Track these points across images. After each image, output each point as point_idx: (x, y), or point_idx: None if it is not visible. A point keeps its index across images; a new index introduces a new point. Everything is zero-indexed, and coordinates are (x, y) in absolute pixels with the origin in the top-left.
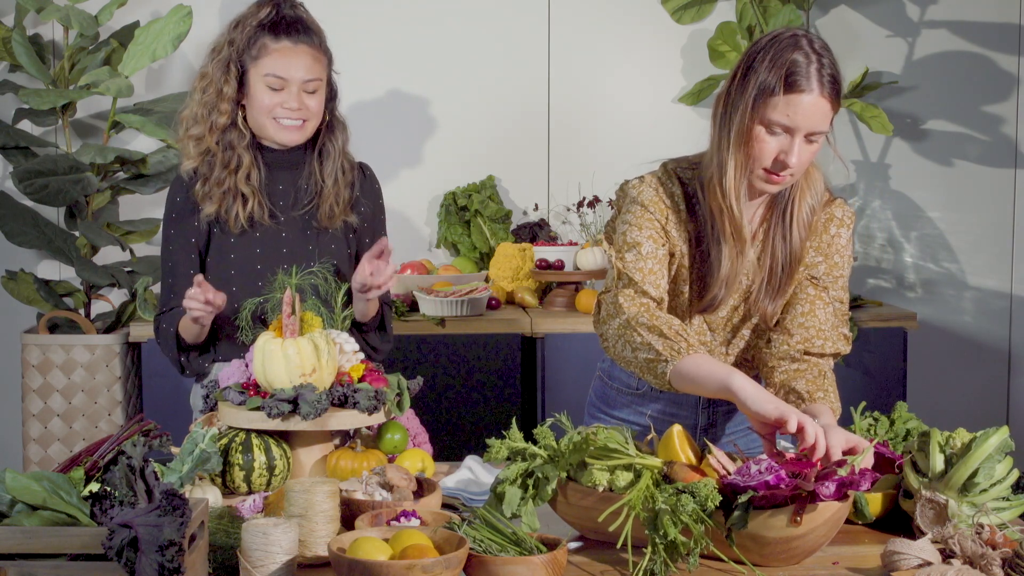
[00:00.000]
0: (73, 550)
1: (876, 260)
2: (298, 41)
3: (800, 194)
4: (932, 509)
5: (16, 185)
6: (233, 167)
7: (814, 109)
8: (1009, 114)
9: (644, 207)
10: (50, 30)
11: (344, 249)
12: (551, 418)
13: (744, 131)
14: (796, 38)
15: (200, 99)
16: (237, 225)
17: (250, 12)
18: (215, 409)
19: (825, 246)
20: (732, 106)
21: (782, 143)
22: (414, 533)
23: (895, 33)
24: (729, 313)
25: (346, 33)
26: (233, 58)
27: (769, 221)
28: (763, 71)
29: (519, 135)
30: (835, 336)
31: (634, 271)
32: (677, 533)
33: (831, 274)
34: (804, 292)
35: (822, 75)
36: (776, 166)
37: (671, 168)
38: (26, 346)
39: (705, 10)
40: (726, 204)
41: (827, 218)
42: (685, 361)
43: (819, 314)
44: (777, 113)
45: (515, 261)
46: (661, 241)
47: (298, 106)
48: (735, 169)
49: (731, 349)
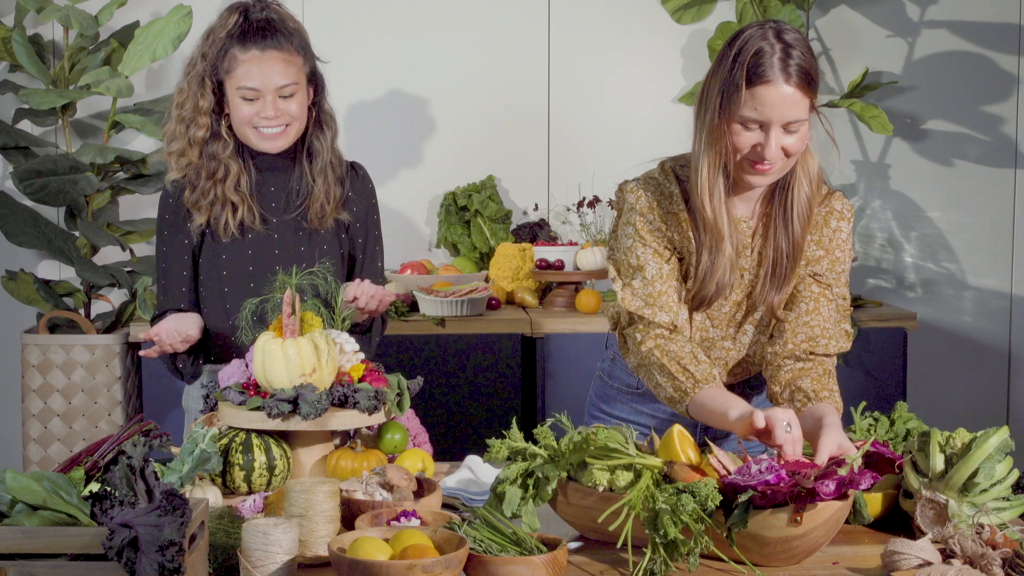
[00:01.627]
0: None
1: (876, 260)
2: (266, 47)
3: (797, 184)
4: (932, 509)
5: (16, 185)
6: (220, 177)
7: (781, 99)
8: (1009, 114)
9: (643, 216)
10: (50, 30)
11: (336, 249)
12: (551, 418)
13: (714, 129)
14: (763, 30)
15: (178, 115)
16: (228, 233)
17: (219, 22)
18: (215, 409)
19: (827, 240)
20: (705, 104)
21: (759, 136)
22: (414, 533)
23: (895, 33)
24: (732, 309)
25: (346, 33)
26: (207, 72)
27: (769, 214)
28: (728, 68)
29: (519, 135)
30: (838, 333)
31: (641, 303)
32: (677, 533)
33: (833, 270)
34: (808, 290)
35: (787, 64)
36: (756, 157)
37: (668, 167)
38: (26, 346)
39: (705, 10)
40: (699, 202)
41: (827, 212)
42: (692, 403)
43: (823, 312)
44: (746, 108)
45: (515, 261)
46: (666, 255)
47: (275, 113)
48: (708, 168)
49: (736, 344)
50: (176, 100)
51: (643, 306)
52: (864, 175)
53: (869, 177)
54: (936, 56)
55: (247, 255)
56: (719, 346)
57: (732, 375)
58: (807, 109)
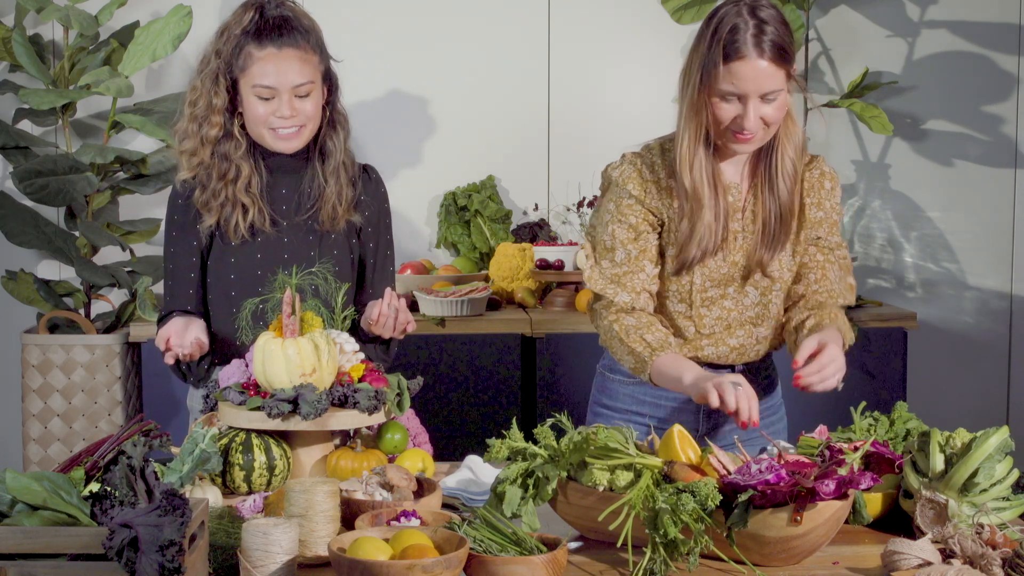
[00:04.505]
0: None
1: (876, 260)
2: (283, 45)
3: (781, 147)
4: (932, 509)
5: (16, 185)
6: (231, 177)
7: (756, 73)
8: (1009, 114)
9: (622, 187)
10: (50, 30)
11: (347, 253)
12: (551, 418)
13: (694, 103)
14: (738, 6)
15: (190, 113)
16: (238, 235)
17: (234, 19)
18: (215, 409)
19: (824, 202)
20: (686, 80)
21: (738, 108)
22: (414, 533)
23: (895, 33)
24: (731, 269)
25: (346, 33)
26: (221, 69)
27: (756, 177)
28: (706, 45)
29: (519, 135)
30: (844, 289)
31: (605, 283)
32: (677, 532)
33: (833, 233)
34: (813, 260)
35: (760, 39)
36: (737, 127)
37: (655, 143)
38: (26, 346)
39: (705, 10)
40: (681, 171)
41: (819, 174)
42: (653, 371)
43: (830, 275)
44: (724, 83)
45: (515, 261)
46: (643, 230)
47: (291, 113)
48: (689, 139)
49: (737, 305)
50: (189, 98)
51: (606, 286)
52: (864, 175)
53: (869, 177)
54: (936, 56)
55: (256, 258)
56: (720, 305)
57: (738, 339)
58: (783, 80)
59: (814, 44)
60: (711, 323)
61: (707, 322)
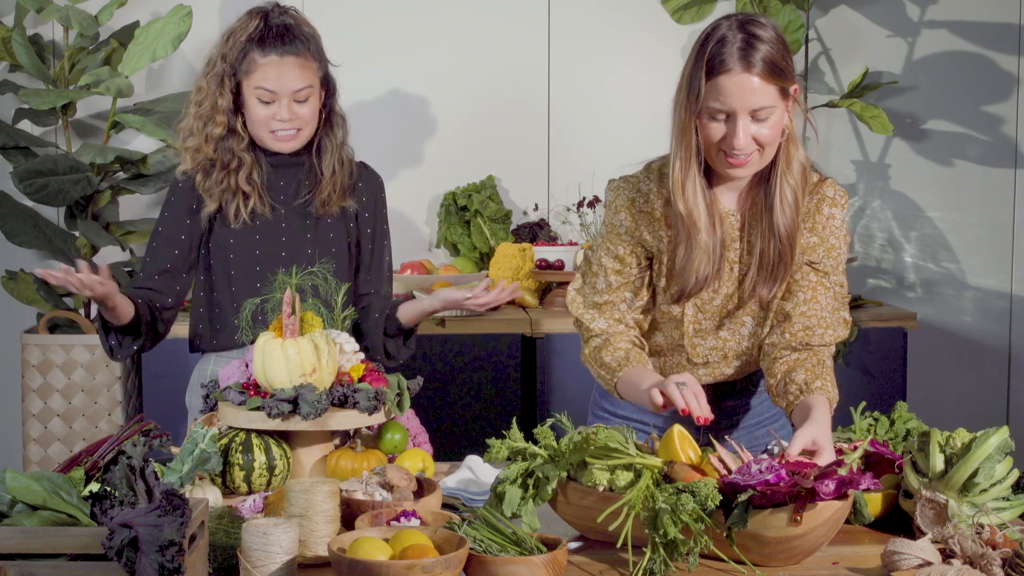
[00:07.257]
0: (73, 550)
1: (876, 260)
2: (285, 53)
3: (780, 175)
4: (932, 509)
5: (16, 185)
6: (234, 167)
7: (742, 88)
8: (1009, 114)
9: (615, 215)
10: (50, 30)
11: (343, 237)
12: (551, 418)
13: (682, 124)
14: (729, 21)
15: (195, 112)
16: (239, 220)
17: (240, 25)
18: (215, 409)
19: (820, 228)
20: (676, 100)
21: (728, 127)
22: (414, 533)
23: (895, 33)
24: (724, 301)
25: (346, 33)
26: (227, 72)
27: (755, 206)
28: (694, 61)
29: (519, 135)
30: (836, 322)
31: (583, 309)
32: (677, 532)
33: (830, 257)
34: (806, 279)
35: (746, 52)
36: (728, 148)
37: (655, 166)
38: (26, 346)
39: (705, 10)
40: (674, 196)
41: (819, 199)
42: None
43: (821, 300)
44: (710, 99)
45: (515, 261)
46: (628, 261)
47: (290, 116)
48: (680, 161)
49: (734, 336)
50: (194, 98)
51: (585, 312)
52: (864, 175)
53: (869, 177)
54: (936, 56)
55: (255, 240)
56: (715, 335)
57: (734, 368)
58: (774, 96)
59: (814, 44)
60: (705, 352)
61: (700, 351)
